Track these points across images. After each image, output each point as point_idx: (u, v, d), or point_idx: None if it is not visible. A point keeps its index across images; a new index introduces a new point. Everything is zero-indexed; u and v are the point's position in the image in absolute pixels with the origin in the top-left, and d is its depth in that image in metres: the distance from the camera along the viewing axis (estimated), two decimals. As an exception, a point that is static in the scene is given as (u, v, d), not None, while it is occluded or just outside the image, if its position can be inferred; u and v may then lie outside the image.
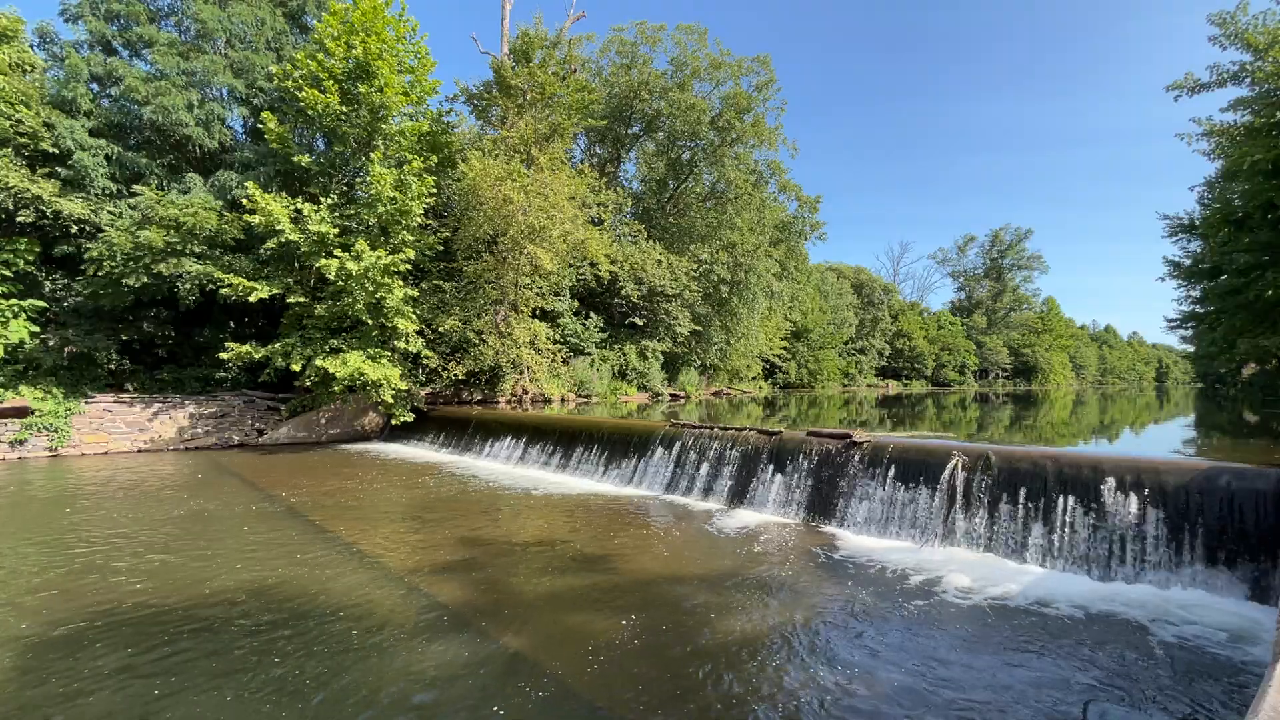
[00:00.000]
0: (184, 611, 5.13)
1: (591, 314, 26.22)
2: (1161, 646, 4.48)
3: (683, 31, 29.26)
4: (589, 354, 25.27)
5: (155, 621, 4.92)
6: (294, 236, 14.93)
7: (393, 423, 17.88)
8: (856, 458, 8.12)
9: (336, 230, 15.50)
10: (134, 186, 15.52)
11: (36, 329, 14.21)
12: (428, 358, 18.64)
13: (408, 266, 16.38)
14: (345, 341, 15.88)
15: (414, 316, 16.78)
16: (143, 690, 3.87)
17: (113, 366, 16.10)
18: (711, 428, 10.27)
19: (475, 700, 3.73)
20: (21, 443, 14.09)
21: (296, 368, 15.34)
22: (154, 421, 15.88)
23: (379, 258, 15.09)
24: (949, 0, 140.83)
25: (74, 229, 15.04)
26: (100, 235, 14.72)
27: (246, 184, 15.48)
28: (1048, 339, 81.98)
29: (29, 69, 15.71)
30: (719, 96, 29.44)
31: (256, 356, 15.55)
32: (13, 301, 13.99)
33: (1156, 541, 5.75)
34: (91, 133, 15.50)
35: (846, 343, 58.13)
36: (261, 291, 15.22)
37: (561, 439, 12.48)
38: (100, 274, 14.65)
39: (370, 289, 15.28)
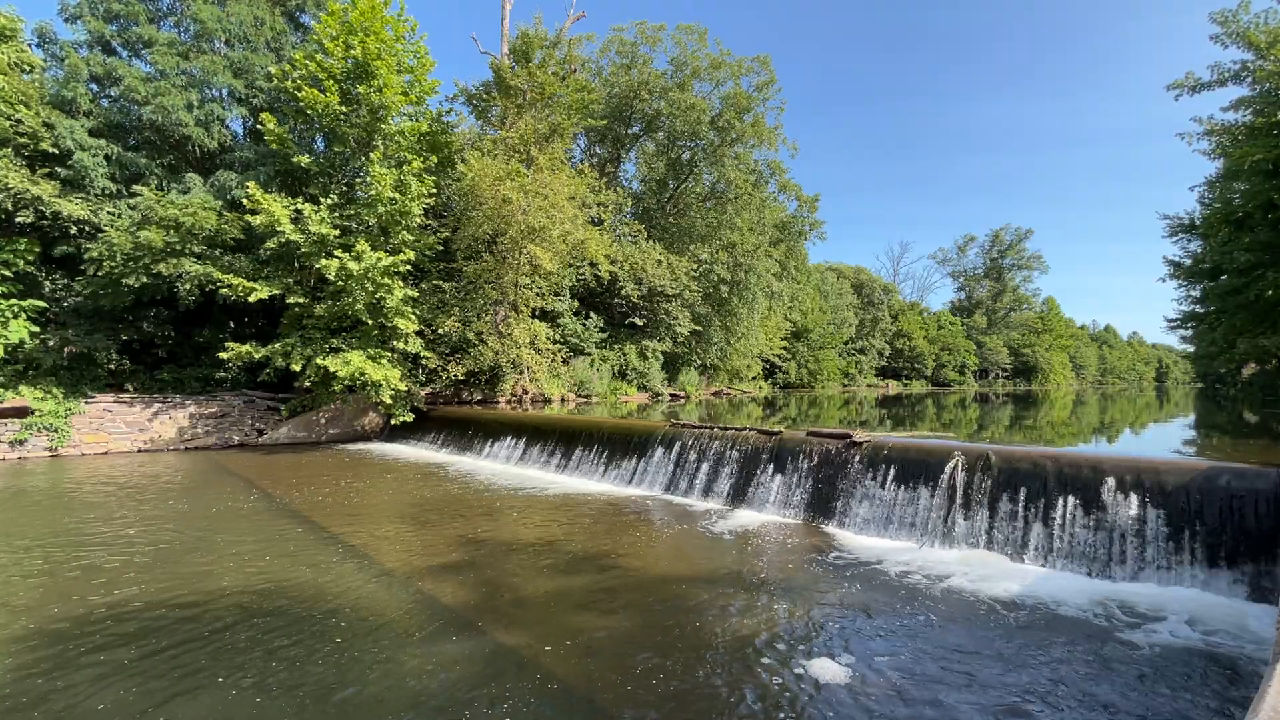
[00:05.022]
0: (183, 611, 5.13)
1: (591, 314, 26.22)
2: (1161, 646, 4.48)
3: (683, 31, 29.27)
4: (589, 354, 25.27)
5: (154, 621, 4.92)
6: (294, 237, 14.93)
7: (392, 423, 17.88)
8: (856, 458, 8.11)
9: (337, 231, 15.50)
10: (134, 186, 15.51)
11: (36, 329, 14.21)
12: (427, 358, 18.64)
13: (408, 267, 16.38)
14: (345, 341, 15.88)
15: (414, 317, 16.78)
16: (142, 690, 3.86)
17: (113, 366, 16.11)
18: (711, 428, 10.26)
19: (475, 699, 3.72)
20: (21, 443, 14.08)
21: (296, 368, 15.34)
22: (154, 421, 15.88)
23: (380, 258, 15.10)
24: (949, 0, 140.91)
25: (74, 229, 15.04)
26: (100, 235, 14.72)
27: (246, 184, 15.48)
28: (1048, 339, 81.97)
29: (28, 69, 15.71)
30: (719, 96, 29.44)
31: (256, 356, 15.54)
32: (13, 301, 13.99)
33: (1156, 541, 5.75)
34: (91, 133, 15.49)
35: (846, 343, 58.11)
36: (261, 292, 15.22)
37: (561, 439, 12.48)
38: (100, 274, 14.65)
39: (370, 289, 15.28)
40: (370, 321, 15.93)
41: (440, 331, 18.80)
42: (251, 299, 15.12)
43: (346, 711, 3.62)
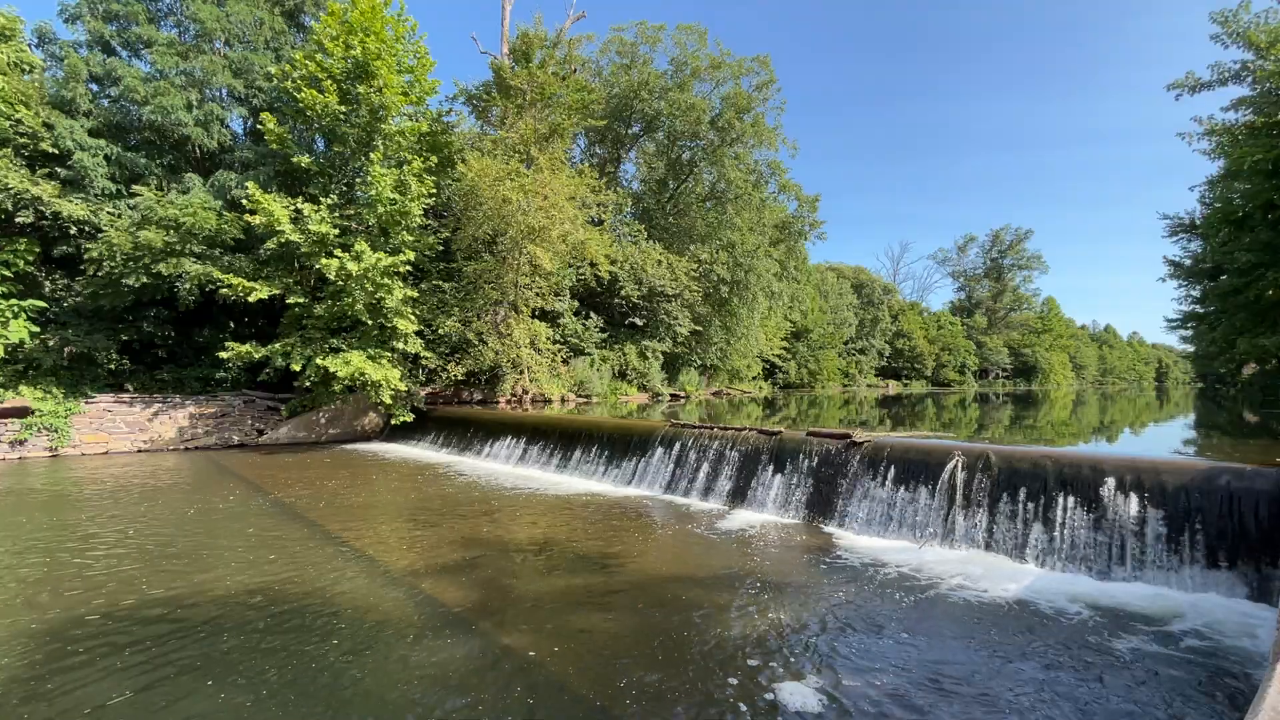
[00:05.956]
0: (183, 612, 5.12)
1: (591, 314, 26.20)
2: (1160, 646, 4.48)
3: (683, 31, 29.27)
4: (589, 354, 25.25)
5: (154, 622, 4.92)
6: (294, 237, 14.93)
7: (393, 423, 17.88)
8: (856, 458, 8.11)
9: (336, 231, 15.50)
10: (133, 187, 15.51)
11: (36, 329, 14.21)
12: (427, 358, 18.64)
13: (408, 267, 16.38)
14: (345, 341, 15.89)
15: (413, 317, 16.77)
16: (141, 690, 3.86)
17: (113, 366, 16.09)
18: (711, 428, 10.26)
19: (475, 700, 3.72)
20: (21, 443, 14.08)
21: (296, 368, 15.34)
22: (154, 421, 15.88)
23: (379, 259, 15.10)
24: (950, 0, 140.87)
25: (74, 229, 15.04)
26: (100, 235, 14.72)
27: (246, 184, 15.48)
28: (1048, 339, 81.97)
29: (28, 69, 15.71)
30: (719, 96, 29.45)
31: (256, 356, 15.54)
32: (13, 301, 13.99)
33: (1156, 541, 5.74)
34: (91, 133, 15.49)
35: (846, 343, 58.10)
36: (261, 291, 15.22)
37: (561, 439, 12.48)
38: (100, 274, 14.65)
39: (370, 289, 15.28)
40: (370, 321, 15.93)
41: (440, 331, 18.79)
42: (251, 299, 15.12)
43: (345, 711, 3.62)
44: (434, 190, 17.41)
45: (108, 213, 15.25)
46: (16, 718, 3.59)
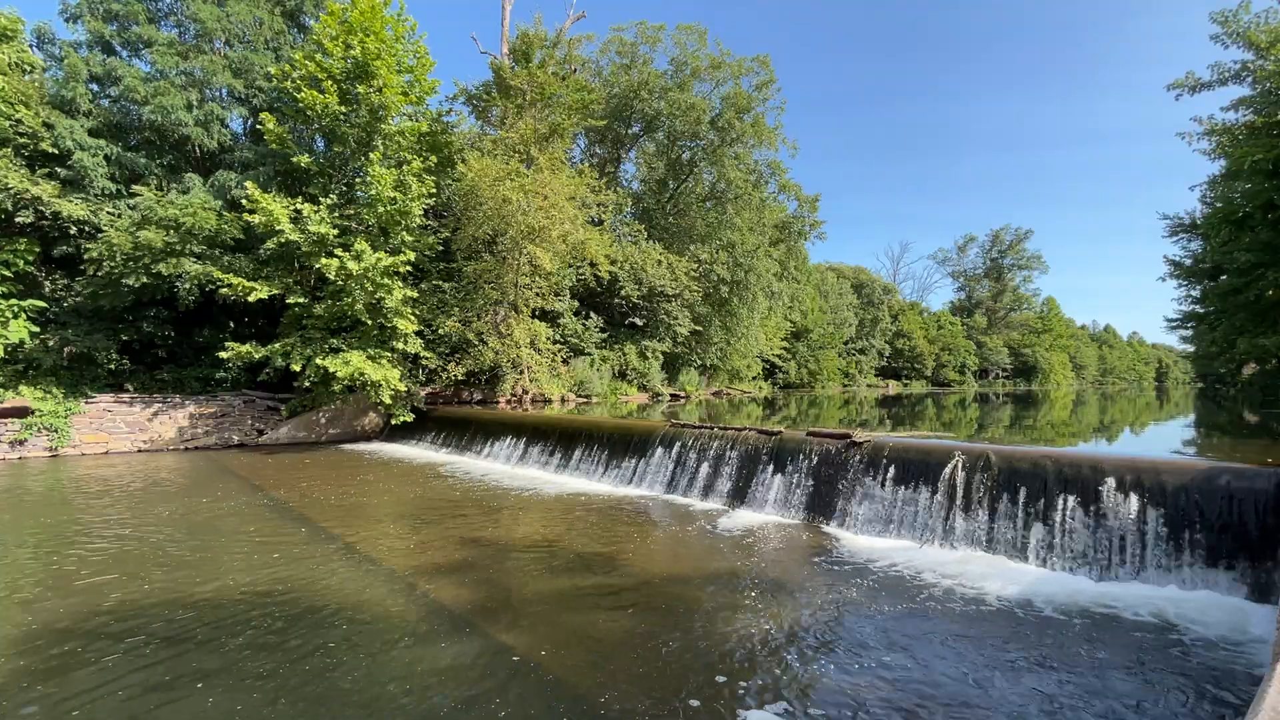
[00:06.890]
0: (183, 611, 5.12)
1: (591, 314, 26.19)
2: (1160, 646, 4.48)
3: (683, 31, 29.27)
4: (589, 354, 25.24)
5: (154, 621, 4.92)
6: (294, 236, 14.94)
7: (393, 423, 17.88)
8: (856, 458, 8.11)
9: (336, 231, 15.50)
10: (133, 187, 15.52)
11: (36, 329, 14.21)
12: (427, 358, 18.64)
13: (408, 267, 16.38)
14: (345, 341, 15.88)
15: (413, 317, 16.77)
16: (140, 691, 3.86)
17: (113, 366, 16.09)
18: (711, 428, 10.26)
19: (475, 700, 3.72)
20: (21, 443, 14.09)
21: (296, 368, 15.34)
22: (154, 421, 15.88)
23: (379, 259, 15.09)
24: (950, 0, 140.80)
25: (74, 229, 15.05)
26: (100, 235, 14.73)
27: (246, 184, 15.47)
28: (1048, 339, 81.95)
29: (28, 69, 15.71)
30: (719, 96, 29.45)
31: (256, 356, 15.55)
32: (13, 301, 13.99)
33: (1156, 541, 5.74)
34: (91, 133, 15.49)
35: (846, 343, 58.08)
36: (261, 291, 15.22)
37: (561, 439, 12.48)
38: (100, 274, 14.65)
39: (370, 289, 15.28)
40: (370, 321, 15.93)
41: (440, 331, 18.78)
42: (251, 299, 15.12)
43: (346, 711, 3.62)
44: (434, 190, 17.41)
45: (108, 213, 15.25)
46: (15, 718, 3.59)
